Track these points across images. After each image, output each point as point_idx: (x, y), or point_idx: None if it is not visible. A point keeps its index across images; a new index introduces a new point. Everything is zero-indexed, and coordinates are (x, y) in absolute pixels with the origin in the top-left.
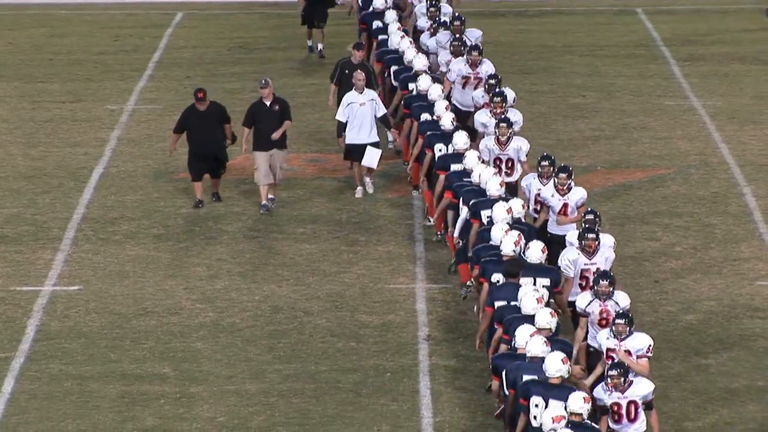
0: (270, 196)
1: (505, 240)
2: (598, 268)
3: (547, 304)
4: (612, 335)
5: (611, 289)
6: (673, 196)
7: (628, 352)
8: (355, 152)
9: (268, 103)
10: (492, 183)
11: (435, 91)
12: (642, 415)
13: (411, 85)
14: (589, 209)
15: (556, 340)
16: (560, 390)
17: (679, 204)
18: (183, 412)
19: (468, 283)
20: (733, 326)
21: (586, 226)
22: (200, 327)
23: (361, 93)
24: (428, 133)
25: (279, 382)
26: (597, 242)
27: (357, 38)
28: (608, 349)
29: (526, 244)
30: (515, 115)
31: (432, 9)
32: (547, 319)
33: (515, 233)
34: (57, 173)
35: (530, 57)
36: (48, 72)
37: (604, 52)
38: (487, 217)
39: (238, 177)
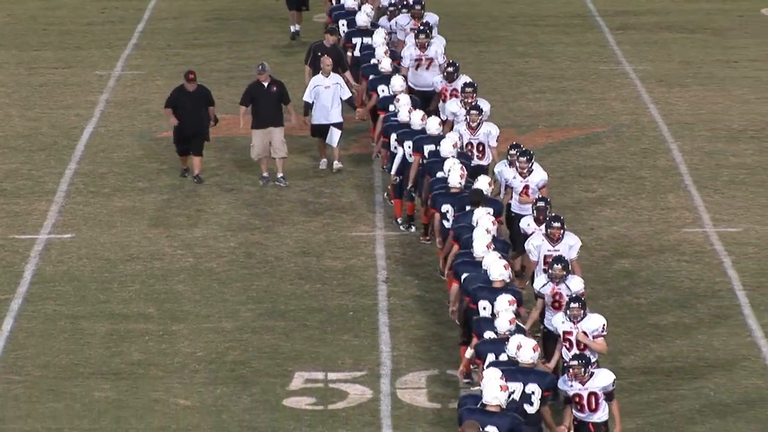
0: (279, 174)
1: (452, 174)
2: (557, 255)
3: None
4: (567, 319)
5: (565, 273)
6: (608, 151)
7: (585, 334)
8: (320, 132)
9: (266, 85)
10: (431, 122)
11: (378, 38)
12: (603, 404)
13: (355, 40)
14: (540, 197)
15: (498, 240)
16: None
17: (613, 159)
18: (166, 347)
19: (399, 220)
20: (662, 269)
21: (546, 215)
22: (181, 271)
23: (327, 77)
24: (371, 77)
25: (252, 320)
26: (562, 231)
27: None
28: (565, 332)
29: (471, 177)
30: (484, 105)
31: None
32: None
33: (458, 166)
34: (51, 132)
35: (478, 27)
36: (42, 41)
37: (544, 22)
38: (429, 151)
39: (215, 136)
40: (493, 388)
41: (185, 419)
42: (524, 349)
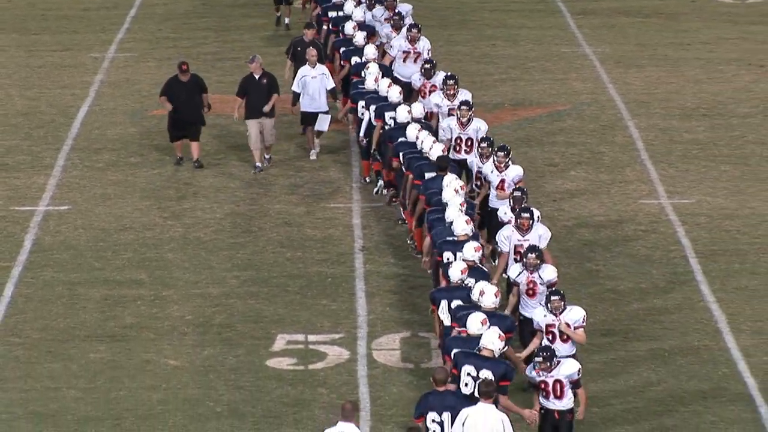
0: (265, 155)
1: (426, 140)
2: (530, 244)
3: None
4: (548, 312)
5: (538, 262)
6: (569, 128)
7: (567, 325)
8: (308, 119)
9: (257, 77)
10: (392, 91)
11: (358, 13)
12: (568, 392)
13: (332, 13)
14: (517, 187)
15: (469, 202)
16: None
17: (574, 135)
18: (157, 311)
19: (367, 179)
20: (620, 238)
21: (522, 205)
22: (171, 240)
23: (314, 68)
24: (342, 49)
25: (237, 286)
26: (531, 221)
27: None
28: (548, 326)
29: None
30: (466, 95)
31: None
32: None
33: (427, 133)
34: (49, 111)
35: (448, 12)
36: (41, 25)
37: (510, 8)
38: (390, 118)
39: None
40: (492, 335)
41: (175, 379)
42: (486, 295)
